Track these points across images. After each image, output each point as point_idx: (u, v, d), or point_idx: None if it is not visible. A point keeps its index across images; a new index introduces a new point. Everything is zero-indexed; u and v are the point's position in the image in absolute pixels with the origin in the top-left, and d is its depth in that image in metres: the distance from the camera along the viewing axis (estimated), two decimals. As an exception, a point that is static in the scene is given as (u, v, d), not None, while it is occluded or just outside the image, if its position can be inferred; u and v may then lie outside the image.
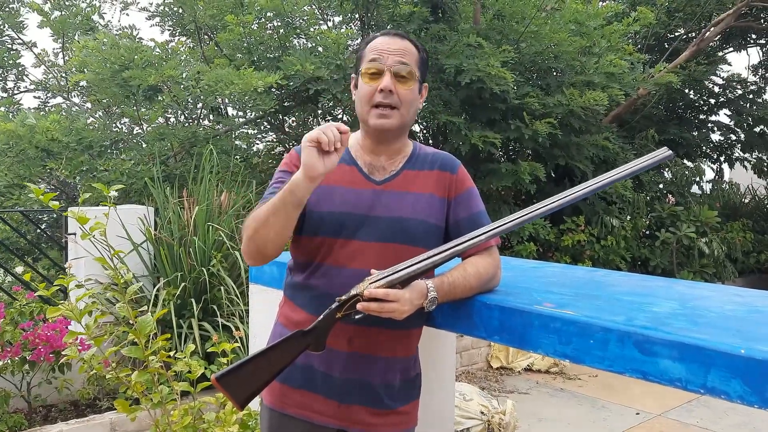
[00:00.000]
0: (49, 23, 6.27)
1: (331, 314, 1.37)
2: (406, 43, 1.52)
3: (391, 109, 1.48)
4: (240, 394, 1.33)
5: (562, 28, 5.91)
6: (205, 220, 3.78)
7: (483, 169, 5.95)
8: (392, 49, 1.49)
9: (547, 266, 2.13)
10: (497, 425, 3.11)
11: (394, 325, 1.47)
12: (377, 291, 1.33)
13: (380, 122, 1.49)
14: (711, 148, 9.51)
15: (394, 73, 1.47)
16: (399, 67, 1.48)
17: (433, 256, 1.40)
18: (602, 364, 1.26)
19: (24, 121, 4.96)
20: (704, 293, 1.61)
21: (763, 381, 1.01)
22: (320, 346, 1.38)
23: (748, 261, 8.29)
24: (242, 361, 1.34)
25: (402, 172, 1.54)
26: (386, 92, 1.46)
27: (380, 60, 1.48)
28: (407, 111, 1.51)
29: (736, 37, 8.90)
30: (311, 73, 5.00)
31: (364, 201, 1.49)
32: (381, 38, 1.53)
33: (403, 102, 1.49)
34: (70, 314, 2.06)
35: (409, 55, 1.51)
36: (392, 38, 1.52)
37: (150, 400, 2.07)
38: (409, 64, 1.49)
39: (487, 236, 1.43)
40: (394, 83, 1.47)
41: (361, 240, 1.47)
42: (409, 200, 1.50)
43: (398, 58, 1.48)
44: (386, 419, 1.52)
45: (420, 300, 1.40)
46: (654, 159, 1.45)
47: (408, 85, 1.49)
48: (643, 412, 4.20)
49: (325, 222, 1.48)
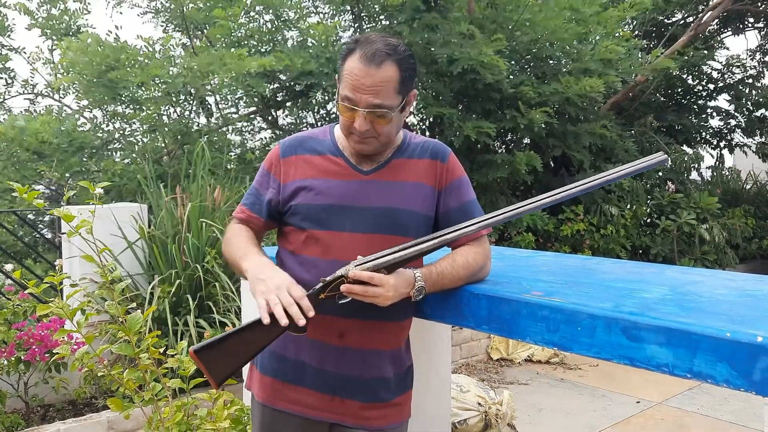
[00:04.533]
0: (37, 24, 6.24)
1: (315, 294, 1.35)
2: (383, 73, 1.37)
3: (370, 138, 1.44)
4: (217, 370, 1.31)
5: (556, 15, 5.86)
6: (198, 216, 3.77)
7: (479, 160, 5.92)
8: (367, 86, 1.36)
9: (539, 255, 2.11)
10: (494, 416, 3.10)
11: (384, 318, 1.46)
12: (362, 273, 1.31)
13: (359, 147, 1.46)
14: (710, 134, 9.46)
15: (368, 114, 1.39)
16: (373, 109, 1.39)
17: (420, 243, 1.38)
18: (590, 351, 1.24)
19: (14, 123, 4.94)
20: (696, 278, 1.58)
21: (748, 364, 0.99)
22: (302, 328, 1.34)
23: (750, 247, 8.26)
24: (221, 335, 1.32)
25: (391, 161, 1.52)
26: (361, 131, 1.41)
27: (355, 99, 1.38)
28: (387, 138, 1.46)
29: (733, 21, 8.84)
30: (300, 68, 4.96)
31: (351, 192, 1.47)
32: (357, 65, 1.37)
33: (381, 134, 1.43)
34: (60, 312, 2.04)
35: (386, 88, 1.38)
36: (368, 68, 1.36)
37: (142, 398, 2.05)
38: (383, 105, 1.38)
39: (477, 227, 1.41)
40: (369, 121, 1.40)
41: (349, 231, 1.45)
42: (397, 189, 1.48)
43: (371, 99, 1.37)
44: (380, 412, 1.51)
45: (406, 288, 1.38)
46: (648, 163, 1.44)
47: (384, 121, 1.41)
48: (643, 401, 4.18)
49: (312, 214, 1.46)
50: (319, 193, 1.47)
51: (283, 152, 1.55)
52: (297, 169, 1.51)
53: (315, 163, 1.51)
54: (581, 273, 1.69)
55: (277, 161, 1.55)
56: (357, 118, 1.39)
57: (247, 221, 1.58)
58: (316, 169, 1.50)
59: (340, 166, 1.50)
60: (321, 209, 1.46)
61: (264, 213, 1.56)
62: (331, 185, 1.47)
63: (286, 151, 1.54)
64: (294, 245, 1.50)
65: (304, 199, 1.47)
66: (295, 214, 1.48)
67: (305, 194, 1.47)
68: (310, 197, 1.47)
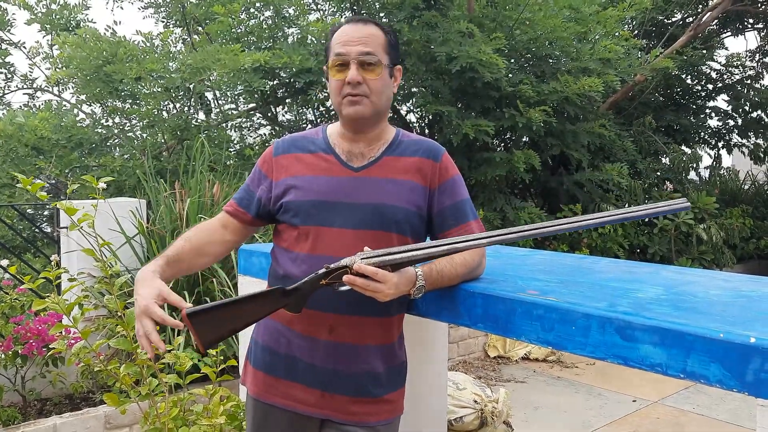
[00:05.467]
0: (37, 19, 6.22)
1: (317, 278, 1.36)
2: (370, 29, 1.49)
3: (361, 97, 1.47)
4: (206, 334, 1.32)
5: (556, 14, 5.86)
6: (197, 212, 3.77)
7: (477, 158, 5.93)
8: (356, 38, 1.46)
9: (536, 254, 2.11)
10: (490, 414, 3.11)
11: (375, 313, 1.47)
12: (367, 268, 1.32)
13: (353, 109, 1.48)
14: (709, 134, 9.47)
15: (360, 63, 1.45)
16: (364, 57, 1.45)
17: (429, 248, 1.36)
18: (584, 350, 1.25)
19: (12, 119, 4.93)
20: (691, 279, 1.59)
21: (741, 365, 1.00)
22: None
23: (747, 247, 8.27)
24: (217, 303, 1.34)
25: (382, 158, 1.52)
26: (354, 84, 1.45)
27: (345, 52, 1.46)
28: (378, 98, 1.49)
29: (733, 21, 8.84)
30: (299, 65, 4.96)
31: (341, 188, 1.48)
32: (345, 27, 1.50)
33: (373, 90, 1.47)
34: (56, 307, 2.05)
35: (374, 41, 1.48)
36: (355, 26, 1.49)
37: (139, 393, 2.06)
38: (373, 53, 1.46)
39: (489, 242, 1.37)
40: (360, 74, 1.45)
41: (339, 227, 1.46)
42: (387, 186, 1.49)
43: (362, 47, 1.46)
44: (371, 408, 1.51)
45: (407, 287, 1.39)
46: (669, 207, 1.37)
47: (375, 73, 1.47)
48: (640, 400, 4.20)
49: (303, 211, 1.48)
50: (309, 190, 1.49)
51: (275, 151, 1.58)
52: (289, 167, 1.54)
53: (307, 161, 1.53)
54: (577, 272, 1.70)
55: (270, 160, 1.58)
56: (350, 69, 1.45)
57: (233, 214, 1.61)
58: (307, 166, 1.52)
59: (331, 163, 1.52)
60: (311, 205, 1.48)
61: (252, 210, 1.58)
62: (321, 182, 1.49)
63: (278, 150, 1.58)
64: (287, 242, 1.52)
65: (295, 196, 1.49)
66: (287, 211, 1.50)
67: (296, 191, 1.50)
68: (301, 194, 1.49)
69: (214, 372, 2.20)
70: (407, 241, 1.48)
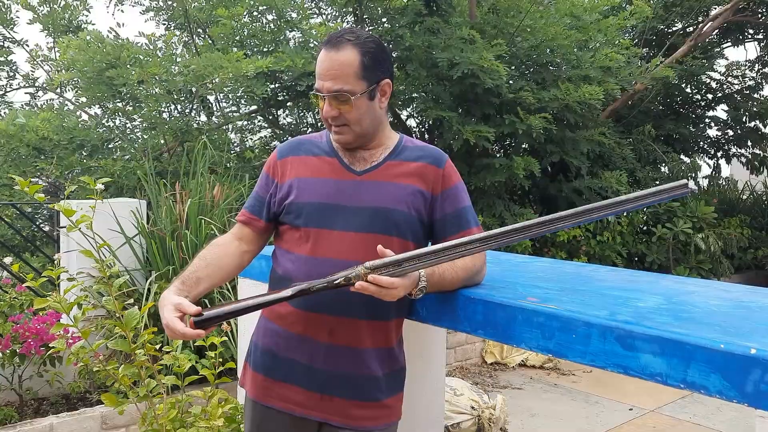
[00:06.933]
0: (39, 19, 6.22)
1: (328, 287, 1.35)
2: (342, 55, 1.42)
3: (342, 127, 1.48)
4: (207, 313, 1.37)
5: (557, 21, 5.89)
6: (197, 213, 3.77)
7: (477, 163, 5.94)
8: (326, 70, 1.43)
9: (536, 261, 2.12)
10: (487, 420, 3.11)
11: (375, 317, 1.48)
12: (382, 279, 1.30)
13: (337, 138, 1.51)
14: (708, 144, 9.50)
15: (331, 99, 1.44)
16: (334, 94, 1.43)
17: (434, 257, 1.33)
18: (584, 359, 1.25)
19: (14, 119, 4.92)
20: (691, 288, 1.60)
21: (741, 375, 1.01)
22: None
23: (745, 257, 8.29)
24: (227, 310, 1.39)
25: (384, 162, 1.54)
26: (332, 117, 1.46)
27: (318, 87, 1.46)
28: (359, 125, 1.48)
29: (733, 32, 8.87)
30: (301, 68, 4.97)
31: (343, 191, 1.49)
32: (321, 53, 1.46)
33: (351, 120, 1.47)
34: (57, 306, 2.05)
35: (346, 71, 1.42)
36: (328, 53, 1.43)
37: (137, 394, 2.06)
38: (342, 89, 1.42)
39: (498, 244, 1.36)
40: (335, 106, 1.45)
41: (340, 230, 1.47)
42: (389, 190, 1.50)
43: (330, 84, 1.43)
44: (369, 412, 1.51)
45: (411, 288, 1.40)
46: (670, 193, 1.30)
47: (348, 105, 1.44)
48: (636, 408, 4.20)
49: (304, 213, 1.49)
50: (312, 192, 1.50)
51: (280, 154, 1.60)
52: (293, 170, 1.55)
53: (310, 164, 1.54)
54: (577, 280, 1.70)
55: (275, 163, 1.60)
56: (324, 104, 1.46)
57: (247, 223, 1.61)
58: (310, 169, 1.54)
59: (334, 166, 1.53)
60: (313, 207, 1.49)
61: (264, 215, 1.59)
62: (323, 184, 1.51)
63: (283, 153, 1.60)
64: (288, 243, 1.53)
65: (298, 197, 1.51)
66: (289, 212, 1.52)
67: (298, 193, 1.51)
68: (303, 196, 1.50)
69: (213, 374, 2.20)
70: (408, 245, 1.48)
